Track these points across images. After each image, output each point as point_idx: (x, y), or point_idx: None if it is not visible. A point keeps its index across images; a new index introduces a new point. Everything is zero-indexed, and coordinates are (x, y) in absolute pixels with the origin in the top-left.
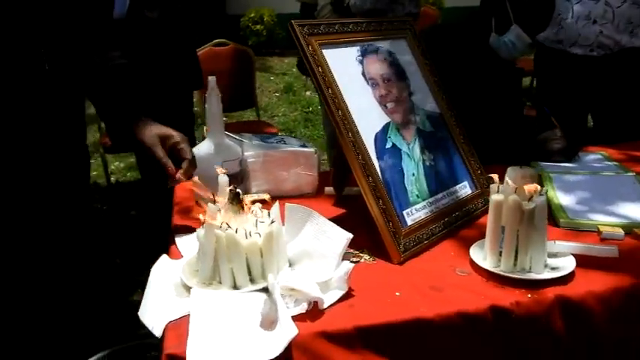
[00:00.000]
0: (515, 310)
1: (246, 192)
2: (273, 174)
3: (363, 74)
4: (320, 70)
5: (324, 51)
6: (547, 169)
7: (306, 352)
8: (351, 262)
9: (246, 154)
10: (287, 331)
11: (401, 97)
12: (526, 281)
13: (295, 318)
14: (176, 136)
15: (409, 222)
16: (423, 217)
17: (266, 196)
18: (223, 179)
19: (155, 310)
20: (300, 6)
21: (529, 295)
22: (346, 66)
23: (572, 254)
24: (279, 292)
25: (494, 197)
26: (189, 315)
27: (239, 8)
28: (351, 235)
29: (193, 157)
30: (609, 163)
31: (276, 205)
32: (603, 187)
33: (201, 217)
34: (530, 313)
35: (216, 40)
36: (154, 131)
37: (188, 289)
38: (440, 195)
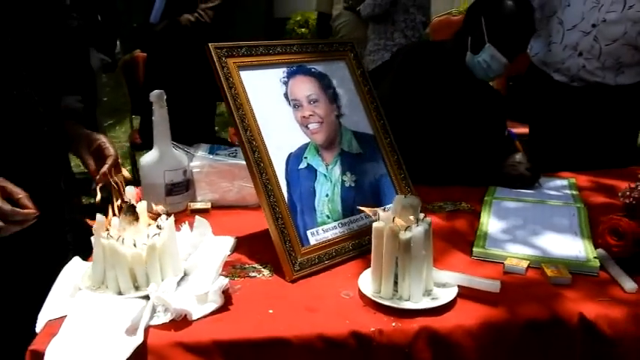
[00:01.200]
0: (376, 338)
1: (192, 200)
2: (216, 184)
3: (286, 95)
4: (233, 91)
5: (241, 72)
6: (500, 194)
7: (161, 358)
8: (250, 276)
9: (191, 164)
10: (135, 339)
11: (327, 118)
12: (396, 309)
13: (161, 327)
14: (100, 137)
15: (312, 242)
16: (330, 237)
17: (207, 205)
18: (131, 191)
19: (45, 308)
20: (317, 15)
21: (393, 324)
22: (265, 87)
23: (459, 285)
24: (153, 300)
25: (375, 225)
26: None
27: (286, 11)
28: (227, 253)
29: (117, 156)
30: (568, 191)
31: (170, 219)
32: (539, 217)
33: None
34: (391, 342)
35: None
36: (81, 136)
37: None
38: (357, 216)
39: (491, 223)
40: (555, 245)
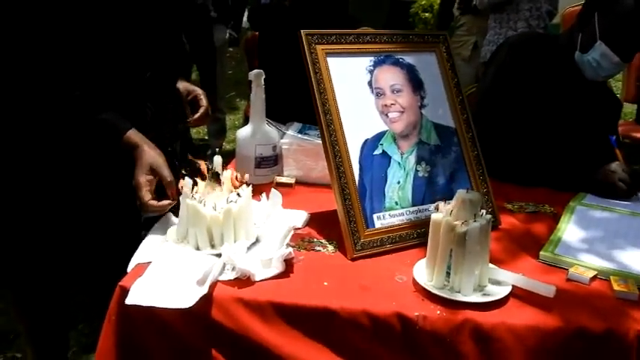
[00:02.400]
0: (419, 323)
1: (279, 174)
2: (302, 162)
3: (370, 83)
4: (318, 76)
5: (328, 59)
6: (589, 200)
7: (222, 310)
8: (315, 250)
9: (281, 141)
10: (202, 290)
11: (408, 108)
12: (444, 299)
13: (227, 282)
14: (197, 89)
15: (377, 225)
16: (396, 223)
17: (292, 180)
18: (218, 160)
19: (137, 253)
20: (441, 1)
21: (438, 312)
22: (350, 74)
23: (513, 285)
24: (223, 259)
25: (433, 216)
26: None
27: None
28: (296, 225)
29: (208, 108)
30: None
31: (248, 189)
32: (623, 230)
33: (180, 187)
34: (434, 329)
35: (362, 29)
36: (181, 86)
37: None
38: (426, 206)
39: (568, 229)
40: (633, 260)
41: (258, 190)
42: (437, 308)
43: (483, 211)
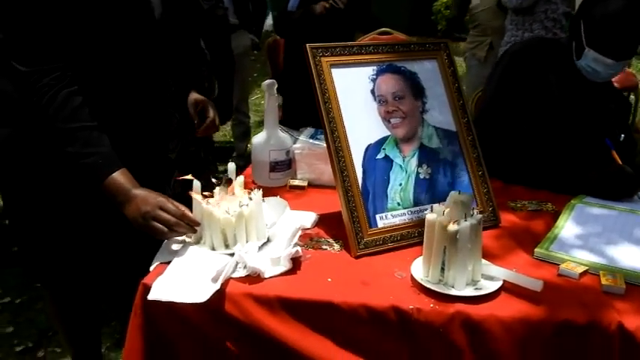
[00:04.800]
0: (414, 314)
1: (292, 177)
2: (313, 166)
3: (372, 91)
4: (323, 86)
5: (333, 70)
6: (589, 199)
7: (234, 304)
8: (322, 248)
9: (294, 146)
10: (215, 286)
11: (410, 113)
12: (438, 293)
13: (239, 279)
14: (205, 100)
15: (380, 225)
16: (398, 222)
17: (304, 183)
18: (232, 167)
19: (158, 254)
20: None
21: (431, 305)
22: (354, 83)
23: (504, 280)
24: (236, 257)
25: (428, 216)
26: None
27: None
28: (305, 226)
29: (214, 118)
30: None
31: (259, 192)
32: (619, 226)
33: (192, 193)
34: (428, 321)
35: (380, 30)
36: (191, 97)
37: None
38: (427, 206)
39: (566, 227)
40: (625, 256)
41: (273, 193)
42: (430, 301)
43: (475, 211)
